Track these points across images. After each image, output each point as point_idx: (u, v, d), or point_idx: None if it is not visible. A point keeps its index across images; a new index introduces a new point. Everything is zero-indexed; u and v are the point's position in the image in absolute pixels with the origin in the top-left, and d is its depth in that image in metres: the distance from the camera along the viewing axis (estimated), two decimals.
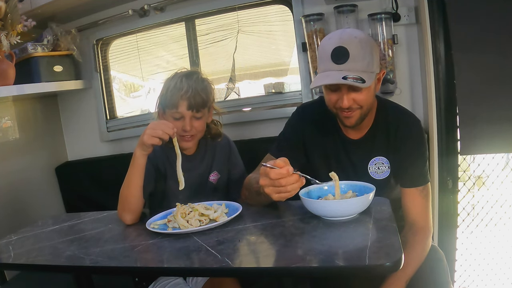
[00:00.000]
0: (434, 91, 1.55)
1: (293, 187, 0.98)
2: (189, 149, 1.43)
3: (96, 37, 2.15)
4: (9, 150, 1.93)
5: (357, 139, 1.28)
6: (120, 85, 2.35)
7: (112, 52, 2.23)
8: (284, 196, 0.99)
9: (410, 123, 1.25)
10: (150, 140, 1.16)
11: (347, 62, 1.12)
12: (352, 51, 1.12)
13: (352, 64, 1.12)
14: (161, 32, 2.14)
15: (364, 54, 1.12)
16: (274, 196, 0.99)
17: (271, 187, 0.99)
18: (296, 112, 1.38)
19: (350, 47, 1.12)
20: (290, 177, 0.97)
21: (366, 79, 1.11)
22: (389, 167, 1.26)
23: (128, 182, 1.23)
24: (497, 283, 1.82)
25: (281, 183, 0.97)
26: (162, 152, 1.40)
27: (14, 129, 1.97)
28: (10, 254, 1.04)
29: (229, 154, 1.51)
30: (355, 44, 1.12)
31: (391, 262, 0.77)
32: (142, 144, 1.18)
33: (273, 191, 0.99)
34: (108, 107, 2.23)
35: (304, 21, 1.75)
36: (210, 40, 2.07)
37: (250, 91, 2.11)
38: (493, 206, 1.76)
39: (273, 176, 0.96)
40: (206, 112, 1.39)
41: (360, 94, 1.15)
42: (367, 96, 1.17)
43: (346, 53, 1.12)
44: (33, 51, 1.86)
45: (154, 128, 1.17)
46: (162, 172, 1.40)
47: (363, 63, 1.12)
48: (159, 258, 0.91)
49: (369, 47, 1.14)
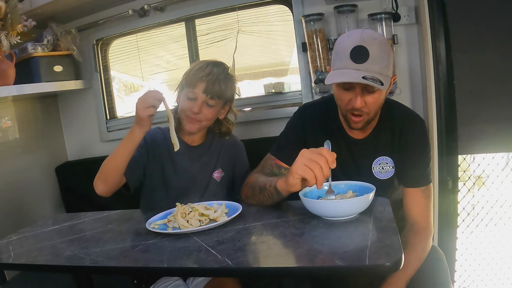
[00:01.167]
0: (434, 91, 1.55)
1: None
2: (193, 137, 1.43)
3: (96, 37, 2.15)
4: (9, 150, 1.93)
5: (361, 138, 1.28)
6: (120, 85, 2.35)
7: (112, 52, 2.23)
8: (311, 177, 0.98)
9: (414, 123, 1.25)
10: (145, 112, 1.17)
11: (366, 62, 1.10)
12: (372, 52, 1.10)
13: (371, 65, 1.10)
14: (161, 32, 2.14)
15: (382, 57, 1.11)
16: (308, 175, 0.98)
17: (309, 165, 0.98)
18: (297, 112, 1.38)
19: (371, 48, 1.10)
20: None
21: (383, 82, 1.10)
22: (393, 167, 1.26)
23: (116, 153, 1.24)
24: (497, 283, 1.82)
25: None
26: (164, 145, 1.40)
27: (14, 129, 1.97)
28: (10, 254, 1.04)
29: (236, 153, 1.50)
30: (375, 45, 1.11)
31: (391, 262, 0.77)
32: (140, 120, 1.19)
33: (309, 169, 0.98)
34: (108, 107, 2.23)
35: (304, 21, 1.75)
36: (210, 40, 2.07)
37: (250, 91, 2.10)
38: (493, 206, 1.76)
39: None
40: (220, 104, 1.38)
41: (372, 97, 1.14)
42: (378, 100, 1.16)
43: (366, 53, 1.10)
44: (33, 51, 1.86)
45: (143, 100, 1.18)
46: (158, 164, 1.40)
47: (381, 65, 1.11)
48: (159, 258, 0.91)
49: (387, 50, 1.13)
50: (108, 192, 1.27)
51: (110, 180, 1.26)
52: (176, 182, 1.42)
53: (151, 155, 1.40)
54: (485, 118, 1.52)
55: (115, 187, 1.28)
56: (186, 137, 1.44)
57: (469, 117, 1.53)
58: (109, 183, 1.26)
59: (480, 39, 1.49)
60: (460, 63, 1.51)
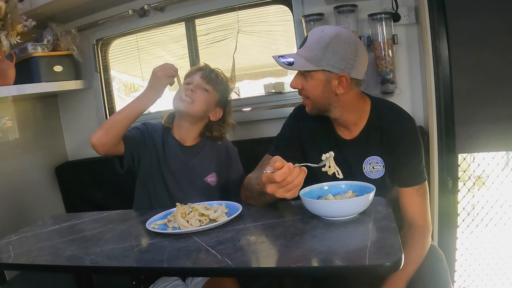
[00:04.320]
0: (434, 91, 1.55)
1: (299, 180, 0.99)
2: (186, 136, 1.47)
3: (96, 37, 2.15)
4: (9, 150, 1.93)
5: (350, 139, 1.28)
6: (120, 85, 2.35)
7: (112, 52, 2.23)
8: (295, 191, 1.00)
9: (403, 122, 1.25)
10: (165, 80, 1.30)
11: (301, 48, 1.20)
12: (309, 40, 1.19)
13: (303, 50, 1.19)
14: (161, 32, 2.14)
15: (315, 46, 1.17)
16: (287, 195, 1.00)
17: (281, 189, 1.00)
18: (293, 112, 1.40)
19: (311, 37, 1.19)
20: (293, 172, 0.98)
21: (301, 65, 1.18)
22: (384, 166, 1.26)
23: (125, 108, 1.32)
24: (497, 283, 1.82)
25: (288, 181, 0.98)
26: (161, 141, 1.44)
27: (14, 129, 1.97)
28: (10, 254, 1.04)
29: (230, 159, 1.52)
30: (316, 35, 1.18)
31: (391, 262, 0.77)
32: (158, 85, 1.31)
33: (284, 191, 1.00)
34: (108, 107, 2.23)
35: (304, 21, 1.75)
36: (210, 40, 2.07)
37: (250, 91, 2.11)
38: (493, 206, 1.76)
39: (279, 179, 0.98)
40: (214, 96, 1.44)
41: (306, 83, 1.21)
42: (312, 88, 1.20)
43: (305, 40, 1.21)
44: (33, 51, 1.86)
45: (165, 69, 1.30)
46: (155, 158, 1.43)
47: (310, 53, 1.17)
48: (159, 258, 0.91)
49: (325, 42, 1.16)
50: (104, 143, 1.27)
51: (112, 131, 1.28)
52: (169, 180, 1.43)
53: (150, 142, 1.43)
54: (482, 117, 1.52)
55: (112, 142, 1.29)
56: (178, 136, 1.47)
57: (465, 116, 1.53)
58: (109, 134, 1.27)
59: (479, 39, 1.49)
60: (460, 62, 1.51)
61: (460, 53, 1.51)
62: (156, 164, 1.43)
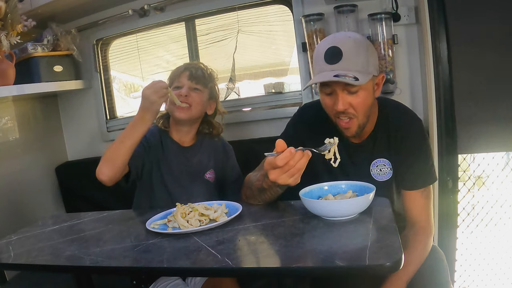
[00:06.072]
0: (434, 91, 1.55)
1: (301, 164, 0.97)
2: (184, 137, 1.46)
3: (96, 37, 2.15)
4: (9, 150, 1.93)
5: (358, 142, 1.27)
6: (120, 85, 2.35)
7: (112, 52, 2.23)
8: (298, 176, 0.98)
9: (411, 124, 1.23)
10: (159, 100, 1.23)
11: (340, 62, 1.08)
12: (345, 50, 1.08)
13: (345, 63, 1.08)
14: (161, 32, 2.14)
15: (358, 53, 1.09)
16: (290, 180, 0.98)
17: (283, 174, 0.97)
18: (297, 112, 1.38)
19: (344, 47, 1.09)
20: (295, 155, 0.96)
21: (360, 78, 1.07)
22: (391, 169, 1.25)
23: (125, 136, 1.25)
24: (497, 283, 1.82)
25: (290, 165, 0.96)
26: (159, 144, 1.44)
27: (14, 129, 1.97)
28: (10, 254, 1.04)
29: (227, 155, 1.54)
30: (349, 43, 1.10)
31: (391, 262, 0.76)
32: (152, 107, 1.23)
33: (287, 176, 0.97)
34: (108, 107, 2.23)
35: (304, 21, 1.75)
36: (210, 40, 2.07)
37: (250, 91, 2.11)
38: (493, 206, 1.76)
39: (281, 163, 0.95)
40: (206, 92, 1.44)
41: (356, 97, 1.12)
42: (363, 100, 1.13)
43: (339, 52, 1.08)
44: (33, 51, 1.86)
45: (156, 91, 1.22)
46: (154, 161, 1.42)
47: (357, 62, 1.09)
48: (159, 258, 0.91)
49: (364, 46, 1.11)
50: (112, 177, 1.24)
51: (117, 163, 1.24)
52: (169, 180, 1.43)
53: (152, 150, 1.42)
54: (482, 117, 1.52)
55: (120, 172, 1.26)
56: (177, 138, 1.47)
57: (466, 116, 1.53)
58: (115, 167, 1.24)
59: (479, 39, 1.49)
60: (460, 62, 1.51)
61: (460, 53, 1.51)
62: (156, 166, 1.43)
